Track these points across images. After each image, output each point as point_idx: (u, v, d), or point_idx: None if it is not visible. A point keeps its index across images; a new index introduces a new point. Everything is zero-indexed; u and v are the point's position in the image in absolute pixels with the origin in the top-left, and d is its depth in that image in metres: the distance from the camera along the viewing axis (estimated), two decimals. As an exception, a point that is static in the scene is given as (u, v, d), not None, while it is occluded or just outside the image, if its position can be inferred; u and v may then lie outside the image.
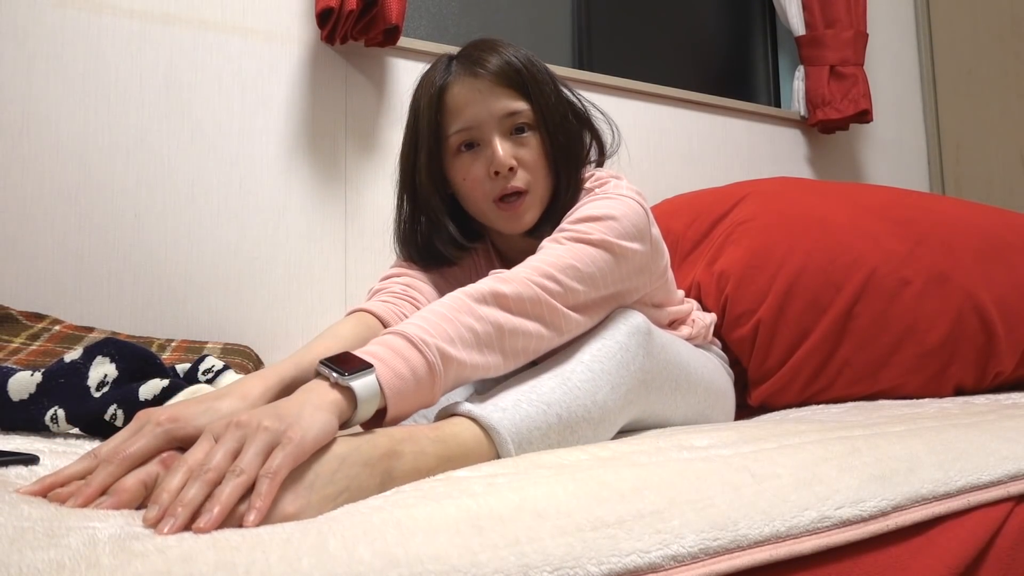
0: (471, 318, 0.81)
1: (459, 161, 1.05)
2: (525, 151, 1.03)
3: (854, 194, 1.69)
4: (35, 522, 0.43)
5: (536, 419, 0.78)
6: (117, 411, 0.84)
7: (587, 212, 0.98)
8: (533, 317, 0.87)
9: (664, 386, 1.01)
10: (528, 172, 1.03)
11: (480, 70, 1.02)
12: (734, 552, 0.56)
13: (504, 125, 1.02)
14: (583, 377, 0.86)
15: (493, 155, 1.01)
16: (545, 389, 0.82)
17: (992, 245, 1.55)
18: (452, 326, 0.79)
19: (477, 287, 0.85)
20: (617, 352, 0.91)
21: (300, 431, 0.57)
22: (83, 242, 1.61)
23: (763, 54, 2.80)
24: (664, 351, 1.02)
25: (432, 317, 0.79)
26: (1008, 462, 0.79)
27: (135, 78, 1.68)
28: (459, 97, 1.03)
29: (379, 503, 0.53)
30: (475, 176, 1.03)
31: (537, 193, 1.05)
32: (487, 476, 0.59)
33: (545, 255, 0.93)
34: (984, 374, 1.48)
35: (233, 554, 0.41)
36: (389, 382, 0.70)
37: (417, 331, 0.76)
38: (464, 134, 1.03)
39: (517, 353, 0.86)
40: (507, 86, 1.02)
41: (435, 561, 0.45)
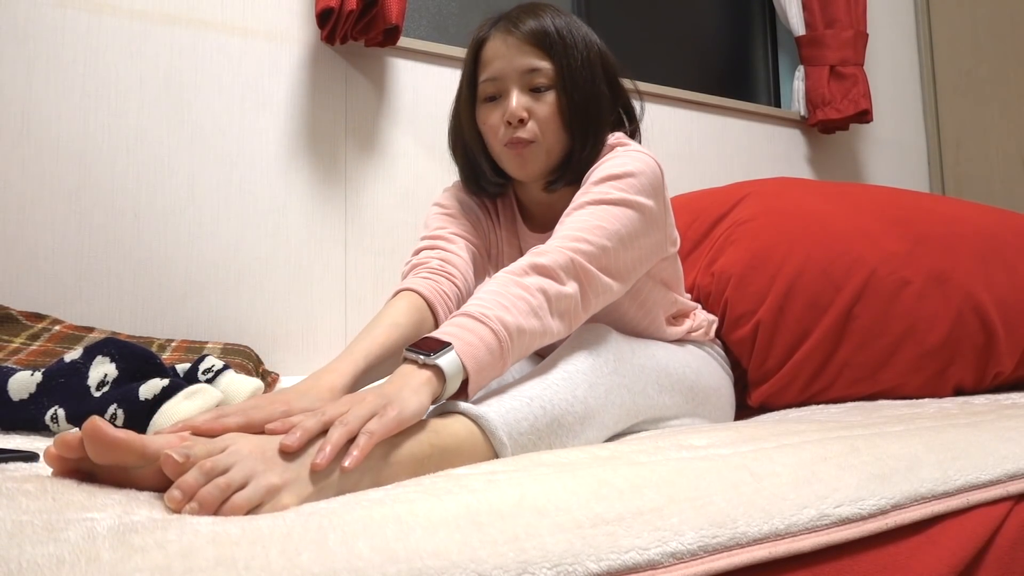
0: (519, 289, 0.90)
1: (484, 109, 1.15)
2: (540, 106, 1.11)
3: (854, 194, 1.69)
4: (33, 515, 0.43)
5: (521, 410, 0.83)
6: (117, 411, 0.84)
7: (606, 171, 1.06)
8: (572, 279, 0.95)
9: (647, 387, 1.05)
10: (538, 125, 1.11)
11: (514, 29, 1.11)
12: (733, 550, 0.56)
13: (524, 80, 1.11)
14: (560, 376, 0.91)
15: (508, 105, 1.10)
16: (525, 387, 0.87)
17: (992, 245, 1.55)
18: (505, 298, 0.88)
19: (518, 264, 0.94)
20: (588, 357, 0.97)
21: (398, 408, 0.69)
22: (83, 242, 1.61)
23: (763, 54, 2.80)
24: (635, 354, 1.06)
25: (486, 297, 0.88)
26: (1007, 461, 0.79)
27: (135, 78, 1.68)
28: (491, 51, 1.13)
29: (380, 496, 0.53)
30: (492, 123, 1.13)
31: (544, 146, 1.11)
32: (487, 473, 0.59)
33: (572, 222, 1.01)
34: (984, 374, 1.48)
35: (233, 549, 0.41)
36: (467, 353, 0.80)
37: (477, 309, 0.85)
38: (490, 84, 1.12)
39: (567, 315, 0.95)
40: (534, 45, 1.11)
41: (434, 557, 0.45)
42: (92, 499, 0.49)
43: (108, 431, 0.55)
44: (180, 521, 0.45)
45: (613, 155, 1.11)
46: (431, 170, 1.96)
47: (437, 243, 1.18)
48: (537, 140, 1.11)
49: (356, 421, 0.66)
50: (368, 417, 0.67)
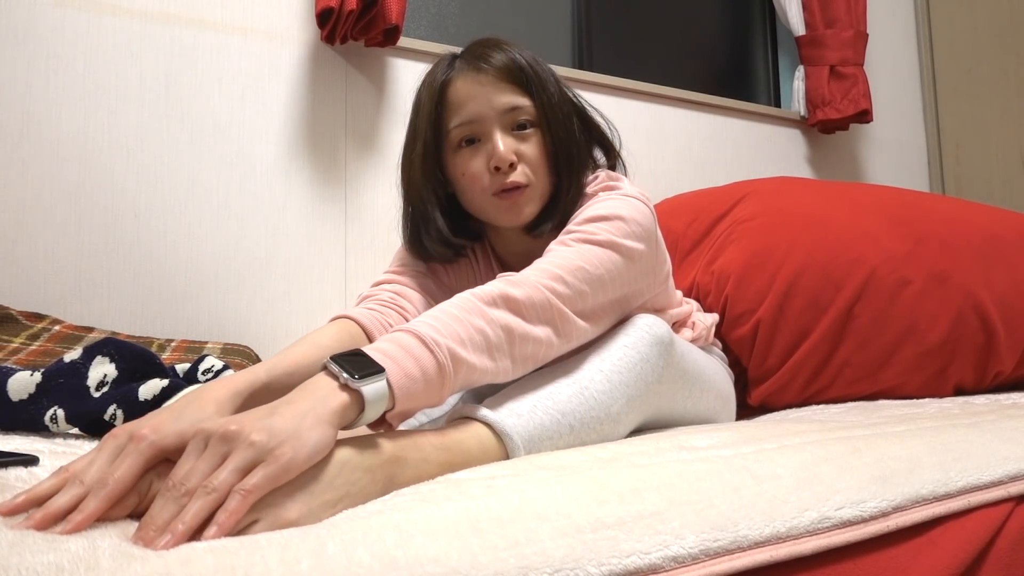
0: (482, 320, 0.79)
1: (459, 157, 1.04)
2: (526, 147, 1.02)
3: (854, 193, 1.69)
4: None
5: (549, 428, 0.78)
6: (117, 411, 0.84)
7: (594, 212, 0.97)
8: (543, 322, 0.85)
9: (677, 395, 1.01)
10: (529, 167, 1.02)
11: (484, 65, 1.02)
12: (734, 553, 0.56)
13: (506, 120, 1.02)
14: (601, 388, 0.85)
15: (494, 149, 1.00)
16: (562, 397, 0.81)
17: (992, 245, 1.55)
18: (463, 328, 0.76)
19: (487, 289, 0.83)
20: (637, 363, 0.90)
21: (291, 450, 0.54)
22: (83, 242, 1.61)
23: (763, 54, 2.80)
24: (683, 360, 1.01)
25: (443, 317, 0.76)
26: (1008, 462, 0.78)
27: (135, 78, 1.68)
28: (461, 91, 1.02)
29: (378, 507, 0.53)
30: (474, 171, 1.02)
31: (538, 189, 1.03)
32: (486, 478, 0.59)
33: (553, 257, 0.91)
34: (984, 374, 1.48)
35: (232, 558, 0.41)
36: (399, 383, 0.68)
37: (429, 330, 0.73)
38: (465, 128, 1.02)
39: (526, 359, 0.84)
40: (510, 82, 1.02)
41: (434, 563, 0.45)
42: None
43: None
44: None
45: (598, 199, 1.02)
46: (431, 170, 1.96)
47: (393, 277, 1.09)
48: (531, 184, 1.02)
49: (226, 482, 0.52)
50: (246, 470, 0.53)
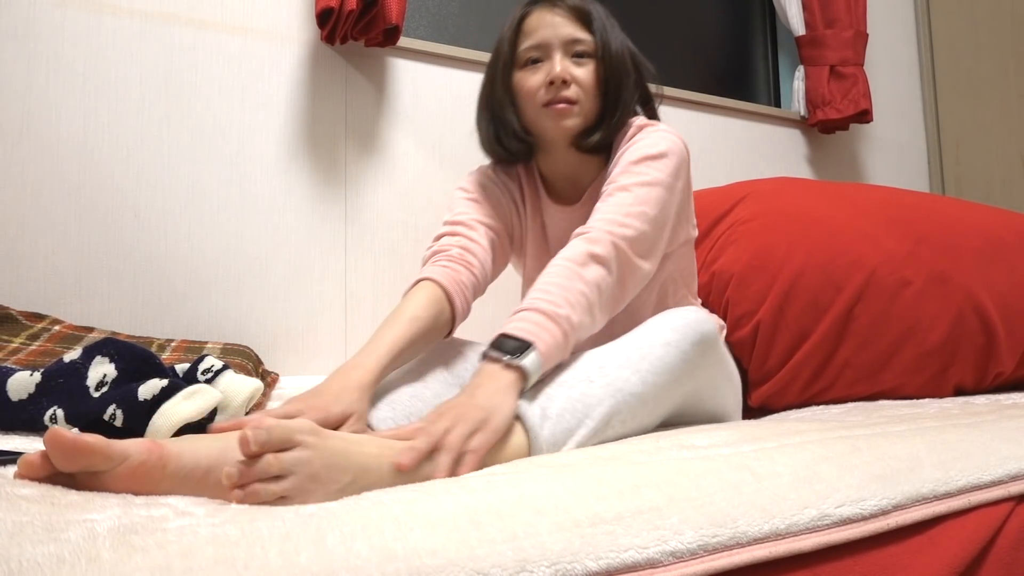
0: (582, 284, 0.98)
1: (524, 72, 1.23)
2: (581, 72, 1.21)
3: (854, 194, 1.69)
4: (33, 516, 0.43)
5: (574, 431, 0.85)
6: (116, 411, 0.84)
7: (642, 151, 1.16)
8: (619, 271, 1.04)
9: (704, 392, 1.06)
10: (580, 88, 1.20)
11: (559, 3, 1.23)
12: (733, 549, 0.56)
13: (567, 48, 1.21)
14: (634, 390, 0.91)
15: (552, 67, 1.19)
16: (593, 401, 0.87)
17: (992, 245, 1.55)
18: (571, 295, 0.96)
19: (575, 251, 1.02)
20: (678, 364, 0.96)
21: (495, 420, 0.77)
22: (83, 242, 1.61)
23: (763, 54, 2.80)
24: (721, 363, 1.08)
25: (555, 290, 0.96)
26: (1009, 462, 0.79)
27: (135, 78, 1.68)
28: (535, 21, 1.23)
29: (379, 497, 0.53)
30: (532, 84, 1.21)
31: (584, 107, 1.21)
32: (486, 474, 0.59)
33: (616, 203, 1.10)
34: (984, 374, 1.47)
35: (232, 549, 0.41)
36: (547, 353, 0.88)
37: (550, 307, 0.93)
38: (533, 50, 1.22)
39: (610, 307, 1.04)
40: (576, 19, 1.22)
41: (432, 555, 0.45)
42: (91, 501, 0.49)
43: (68, 437, 0.55)
44: (179, 521, 0.45)
45: (644, 134, 1.20)
46: (431, 170, 1.96)
47: (459, 229, 1.24)
48: (579, 101, 1.20)
49: (458, 442, 0.73)
50: (469, 434, 0.74)
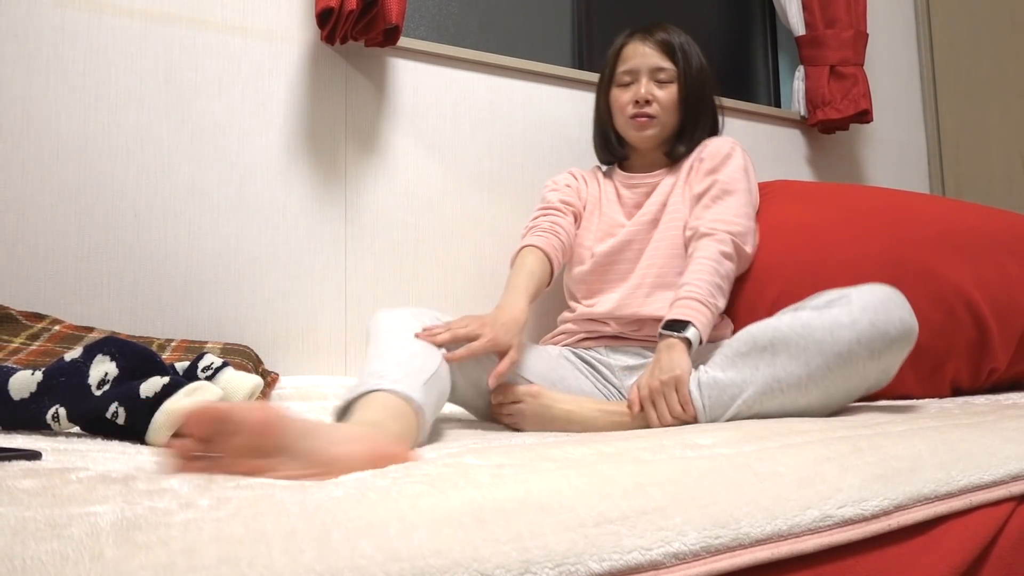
0: (719, 277, 1.35)
1: (617, 91, 1.62)
2: (662, 93, 1.57)
3: (844, 198, 1.72)
4: (36, 511, 0.43)
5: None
6: (118, 409, 0.84)
7: (736, 164, 1.54)
8: (735, 260, 1.43)
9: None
10: (660, 107, 1.56)
11: (649, 37, 1.59)
12: (736, 550, 0.56)
13: (653, 74, 1.58)
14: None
15: (639, 88, 1.56)
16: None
17: (982, 243, 1.56)
18: (713, 285, 1.32)
19: (711, 251, 1.38)
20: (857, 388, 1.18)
21: (683, 373, 1.17)
22: (83, 242, 1.61)
23: (763, 54, 2.80)
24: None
25: (703, 283, 1.31)
26: (1010, 462, 0.79)
27: (135, 78, 1.68)
28: (629, 51, 1.61)
29: (386, 485, 0.52)
30: (623, 101, 1.59)
31: (662, 121, 1.57)
32: (494, 466, 0.59)
33: (727, 207, 1.47)
34: (979, 370, 1.48)
35: (236, 547, 0.41)
36: (703, 329, 1.26)
37: (704, 295, 1.30)
38: (626, 74, 1.60)
39: (727, 294, 1.39)
40: (662, 51, 1.58)
41: (437, 555, 0.45)
42: (92, 492, 0.49)
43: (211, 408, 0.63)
44: (183, 515, 0.44)
45: (724, 158, 1.54)
46: (431, 170, 1.96)
47: (548, 210, 1.61)
48: (657, 117, 1.56)
49: (659, 391, 1.18)
50: (667, 388, 1.16)
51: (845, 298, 1.12)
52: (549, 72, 2.09)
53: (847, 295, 1.13)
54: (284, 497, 0.48)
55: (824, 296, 1.17)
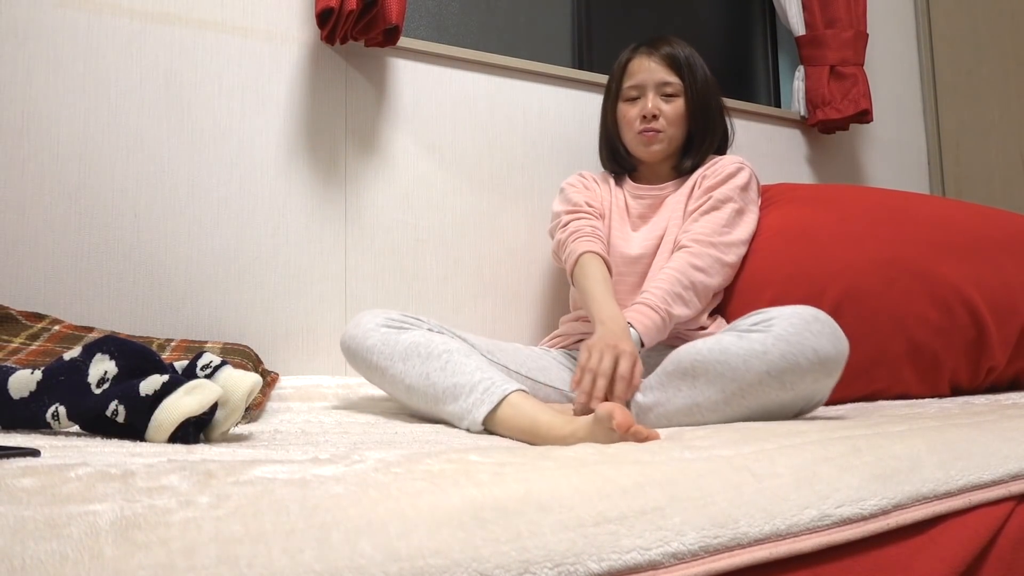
0: (680, 287, 1.41)
1: (624, 105, 1.64)
2: (668, 108, 1.59)
3: (841, 199, 1.72)
4: (35, 510, 0.43)
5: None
6: (118, 407, 0.84)
7: (736, 183, 1.57)
8: (716, 272, 1.48)
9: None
10: (666, 121, 1.59)
11: (654, 51, 1.61)
12: (734, 550, 0.56)
13: (659, 89, 1.59)
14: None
15: (645, 104, 1.59)
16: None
17: (979, 243, 1.57)
18: (670, 294, 1.39)
19: (681, 263, 1.44)
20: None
21: (633, 352, 1.21)
22: (83, 242, 1.61)
23: (763, 54, 2.80)
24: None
25: (662, 291, 1.39)
26: (1010, 461, 0.79)
27: (135, 78, 1.68)
28: (636, 66, 1.63)
29: (387, 481, 0.52)
30: (630, 116, 1.62)
31: (668, 135, 1.60)
32: (497, 464, 0.59)
33: (711, 220, 1.52)
34: (978, 369, 1.49)
35: (235, 547, 0.41)
36: (646, 333, 1.33)
37: (655, 301, 1.37)
38: (632, 89, 1.62)
39: (702, 299, 1.46)
40: (668, 66, 1.60)
41: (436, 555, 0.45)
42: (91, 490, 0.48)
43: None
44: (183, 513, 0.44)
45: (727, 164, 1.58)
46: (431, 170, 1.96)
47: (582, 214, 1.61)
48: (664, 131, 1.58)
49: (609, 366, 1.19)
50: (614, 362, 1.19)
51: (767, 323, 1.09)
52: (549, 72, 2.09)
53: (770, 319, 1.09)
54: (284, 495, 0.48)
55: (753, 317, 1.13)
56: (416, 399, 1.22)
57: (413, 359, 1.21)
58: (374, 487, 0.50)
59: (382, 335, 1.26)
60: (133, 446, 0.79)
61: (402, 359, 1.22)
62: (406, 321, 1.31)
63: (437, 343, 1.22)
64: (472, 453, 0.65)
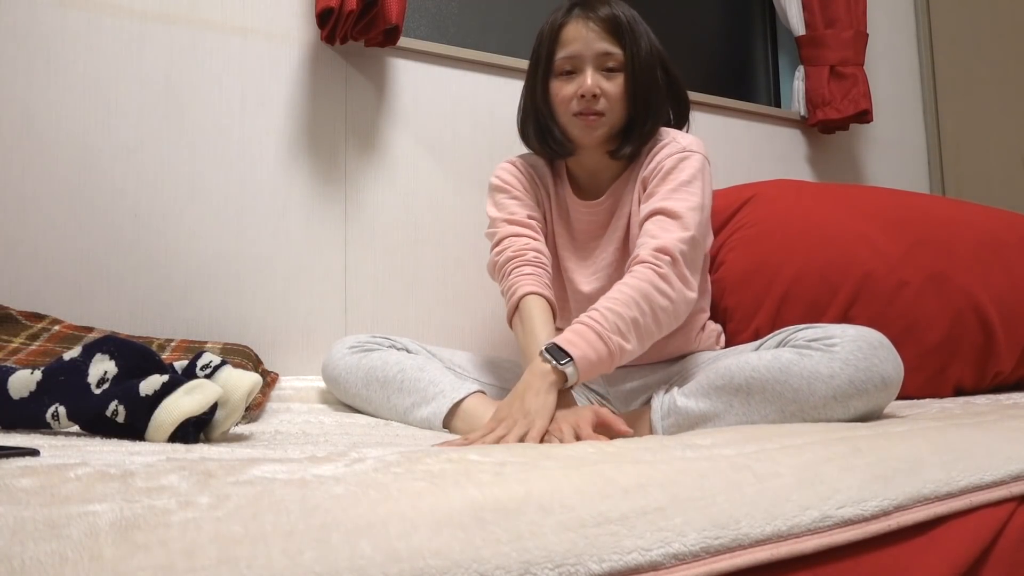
0: (636, 312, 1.11)
1: (558, 82, 1.32)
2: (610, 85, 1.29)
3: (852, 197, 1.70)
4: (35, 510, 0.43)
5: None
6: (118, 407, 0.84)
7: (679, 178, 1.27)
8: (668, 294, 1.15)
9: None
10: (608, 101, 1.28)
11: (591, 15, 1.29)
12: (735, 551, 0.56)
13: (598, 62, 1.29)
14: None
15: (584, 82, 1.28)
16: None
17: (990, 246, 1.55)
18: (623, 322, 1.10)
19: (642, 284, 1.14)
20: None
21: (540, 420, 1.00)
22: (83, 242, 1.61)
23: (763, 54, 2.80)
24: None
25: (610, 315, 1.09)
26: (1011, 462, 0.79)
27: (135, 78, 1.68)
28: (571, 33, 1.30)
29: (387, 481, 0.52)
30: (565, 95, 1.30)
31: (611, 118, 1.30)
32: (497, 464, 0.59)
33: (655, 228, 1.21)
34: (984, 373, 1.48)
35: (235, 547, 0.41)
36: (584, 367, 1.06)
37: (604, 330, 1.08)
38: (567, 61, 1.30)
39: (656, 333, 1.16)
40: (608, 32, 1.29)
41: (436, 556, 0.45)
42: (91, 490, 0.48)
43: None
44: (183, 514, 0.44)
45: (675, 150, 1.30)
46: (431, 170, 1.96)
47: (521, 231, 1.36)
48: (607, 112, 1.29)
49: (515, 440, 0.98)
50: (523, 435, 0.98)
51: (828, 341, 1.06)
52: (549, 72, 2.09)
53: (831, 339, 1.06)
54: (284, 495, 0.48)
55: (808, 332, 1.11)
56: (389, 416, 1.32)
57: (374, 384, 1.33)
58: (374, 487, 0.50)
59: (346, 364, 1.38)
60: (132, 445, 0.79)
61: (364, 385, 1.34)
62: (371, 343, 1.42)
63: (391, 363, 1.33)
64: (472, 453, 0.65)
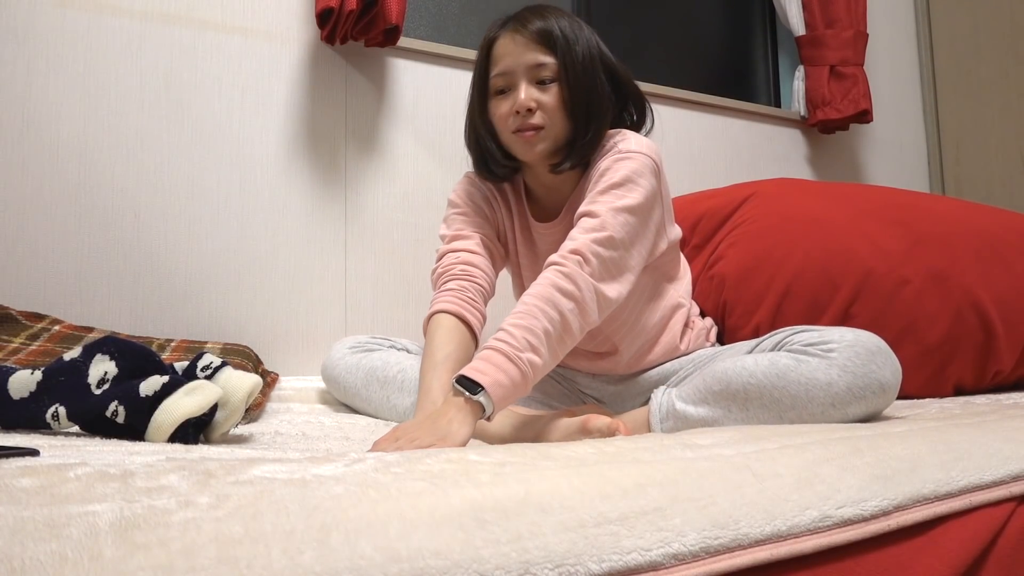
0: (546, 321, 1.03)
1: (495, 101, 1.25)
2: (546, 97, 1.21)
3: (853, 195, 1.70)
4: (34, 510, 0.43)
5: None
6: (118, 407, 0.84)
7: (609, 180, 1.18)
8: (583, 300, 1.07)
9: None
10: (545, 114, 1.21)
11: (522, 28, 1.22)
12: (735, 551, 0.56)
13: (531, 74, 1.21)
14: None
15: (517, 97, 1.21)
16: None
17: (991, 245, 1.55)
18: (534, 336, 1.01)
19: (543, 287, 1.06)
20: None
21: (443, 443, 0.88)
22: (83, 242, 1.61)
23: (763, 54, 2.80)
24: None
25: (518, 332, 1.01)
26: (1011, 462, 0.78)
27: (135, 78, 1.68)
28: (501, 48, 1.24)
29: (387, 481, 0.52)
30: (502, 113, 1.23)
31: (552, 132, 1.22)
32: (496, 463, 0.59)
33: (585, 229, 1.13)
34: (984, 373, 1.48)
35: (235, 548, 0.41)
36: (498, 395, 0.96)
37: (513, 350, 0.99)
38: (500, 79, 1.23)
39: (572, 338, 1.08)
40: (540, 43, 1.21)
41: (436, 556, 0.45)
42: (91, 490, 0.48)
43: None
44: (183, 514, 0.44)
45: (612, 158, 1.22)
46: (431, 170, 1.96)
47: (456, 245, 1.31)
48: (546, 126, 1.21)
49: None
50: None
51: (825, 346, 1.04)
52: (549, 72, 2.09)
53: (828, 344, 1.04)
54: (284, 495, 0.48)
55: (804, 335, 1.09)
56: (389, 416, 1.32)
57: (374, 384, 1.33)
58: (374, 487, 0.50)
59: (346, 364, 1.38)
60: (132, 446, 0.79)
61: (364, 385, 1.34)
62: (371, 343, 1.42)
63: (392, 363, 1.33)
64: (472, 453, 0.65)
